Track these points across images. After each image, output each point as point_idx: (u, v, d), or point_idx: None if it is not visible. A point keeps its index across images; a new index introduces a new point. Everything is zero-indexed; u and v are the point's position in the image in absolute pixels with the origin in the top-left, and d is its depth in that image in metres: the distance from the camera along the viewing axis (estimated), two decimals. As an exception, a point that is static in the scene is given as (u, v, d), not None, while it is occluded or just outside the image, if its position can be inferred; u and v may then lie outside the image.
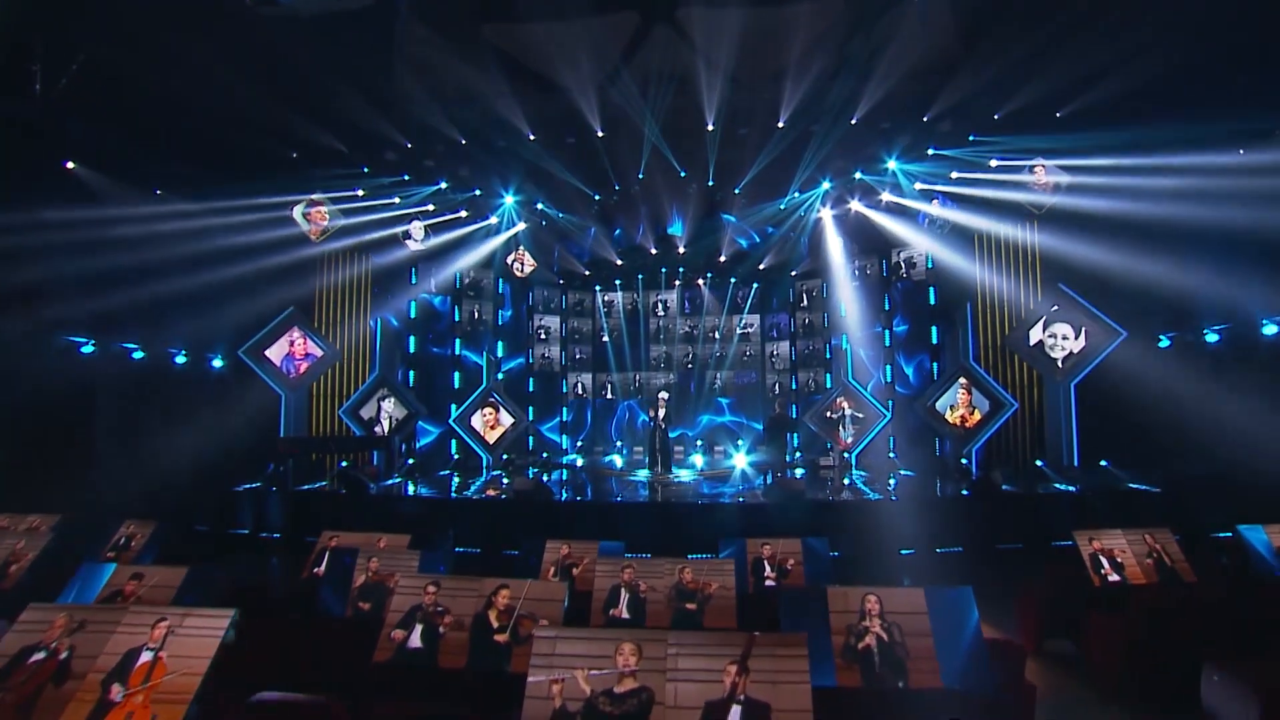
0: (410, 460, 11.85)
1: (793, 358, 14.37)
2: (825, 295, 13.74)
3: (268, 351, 11.20)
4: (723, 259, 14.42)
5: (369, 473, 10.11)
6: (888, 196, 11.96)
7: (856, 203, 12.43)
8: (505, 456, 12.38)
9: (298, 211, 11.27)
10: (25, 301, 8.06)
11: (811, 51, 9.64)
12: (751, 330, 14.95)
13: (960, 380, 10.90)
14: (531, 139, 11.26)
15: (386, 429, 11.52)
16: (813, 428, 12.20)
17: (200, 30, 8.59)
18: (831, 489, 9.60)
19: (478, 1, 9.05)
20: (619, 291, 15.30)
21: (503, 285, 14.10)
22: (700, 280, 15.10)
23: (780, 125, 10.84)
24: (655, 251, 14.43)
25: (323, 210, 11.45)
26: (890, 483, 10.20)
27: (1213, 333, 9.04)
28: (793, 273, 14.32)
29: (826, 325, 13.68)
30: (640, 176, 12.24)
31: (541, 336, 14.64)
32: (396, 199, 12.21)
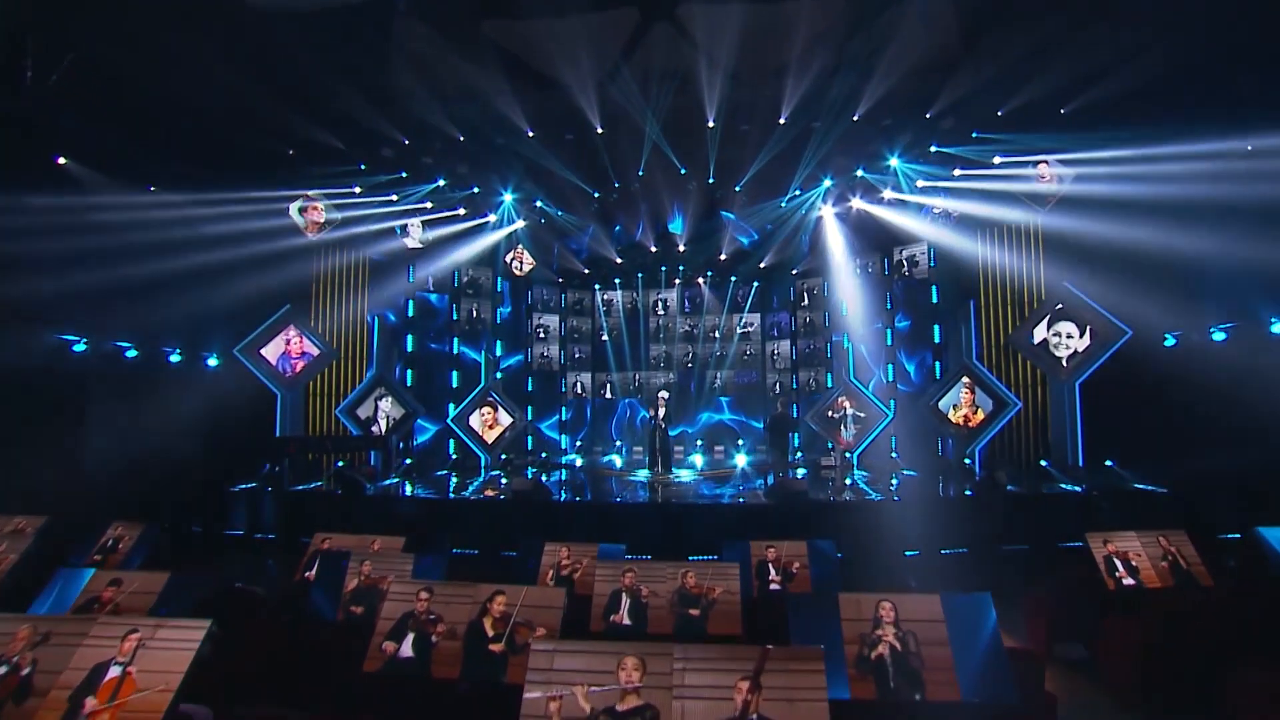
0: (408, 460, 11.74)
1: (793, 357, 14.26)
2: (826, 294, 13.62)
3: (263, 350, 11.11)
4: (723, 257, 14.30)
5: (366, 473, 9.99)
6: (890, 194, 11.85)
7: (858, 200, 12.32)
8: (504, 456, 12.27)
9: (294, 209, 11.16)
10: (15, 299, 7.93)
11: (813, 48, 9.54)
12: (752, 329, 14.83)
13: (963, 379, 10.81)
14: (530, 136, 11.15)
15: (384, 429, 11.40)
16: (814, 427, 12.09)
17: (195, 25, 8.48)
18: (833, 489, 9.49)
19: (476, -2, 8.94)
20: (618, 290, 15.18)
21: (501, 283, 13.97)
22: (700, 279, 14.97)
23: (781, 122, 10.74)
24: (655, 250, 14.30)
25: (319, 208, 11.34)
26: (892, 483, 10.09)
27: (1220, 331, 8.93)
28: (793, 271, 14.20)
29: (827, 324, 13.56)
30: (640, 174, 12.14)
31: (540, 335, 14.51)
32: (394, 196, 12.11)
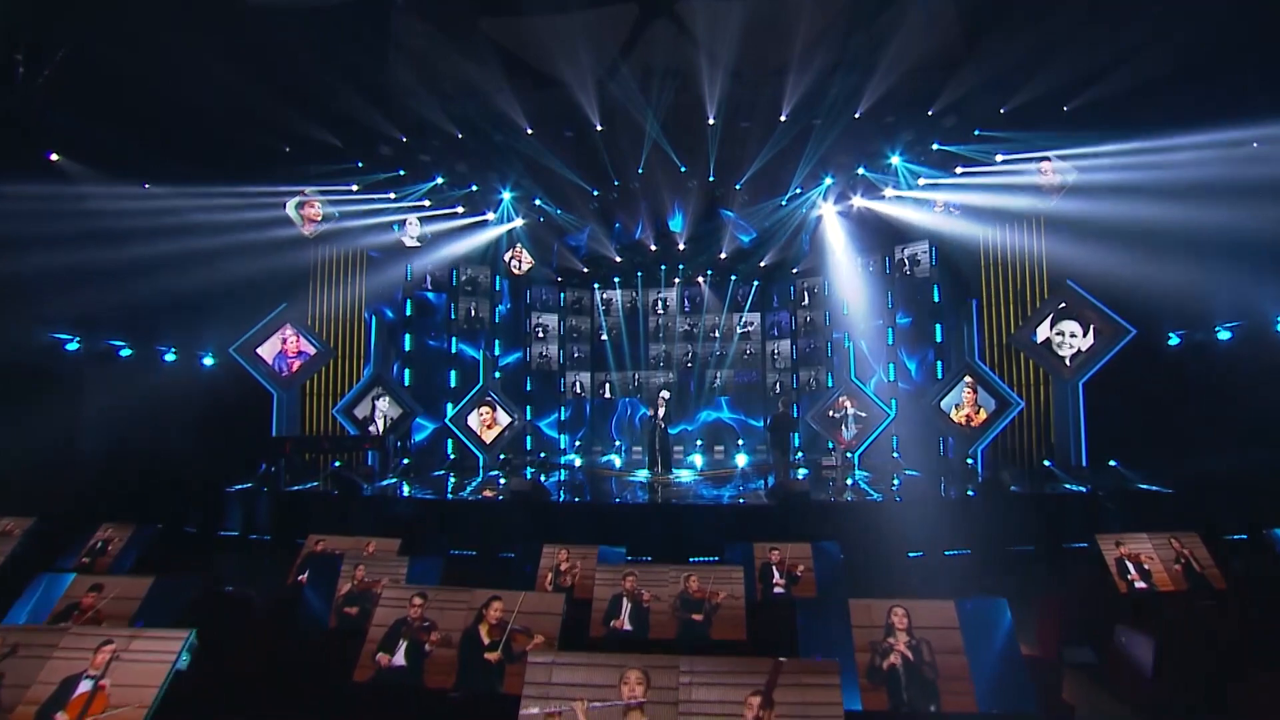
0: (405, 460, 11.63)
1: (794, 356, 14.16)
2: (826, 293, 13.53)
3: (260, 349, 11.01)
4: (723, 256, 14.19)
5: (363, 473, 9.89)
6: (891, 192, 11.75)
7: (859, 198, 12.22)
8: (502, 456, 12.17)
9: (291, 207, 11.07)
10: (7, 297, 7.83)
11: (814, 45, 9.46)
12: (752, 328, 14.74)
13: (965, 379, 10.71)
14: (529, 133, 11.06)
15: (381, 428, 11.30)
16: (815, 427, 12.00)
17: (191, 21, 8.40)
18: (835, 490, 9.40)
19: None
20: (618, 289, 15.08)
21: (500, 282, 13.87)
22: (700, 278, 14.87)
23: (783, 119, 10.66)
24: (655, 248, 14.20)
25: (316, 206, 11.24)
26: (894, 483, 10.01)
27: (1225, 330, 8.84)
28: (794, 270, 14.11)
29: (828, 323, 13.46)
30: (640, 172, 12.05)
31: (539, 335, 14.41)
32: (392, 194, 12.02)
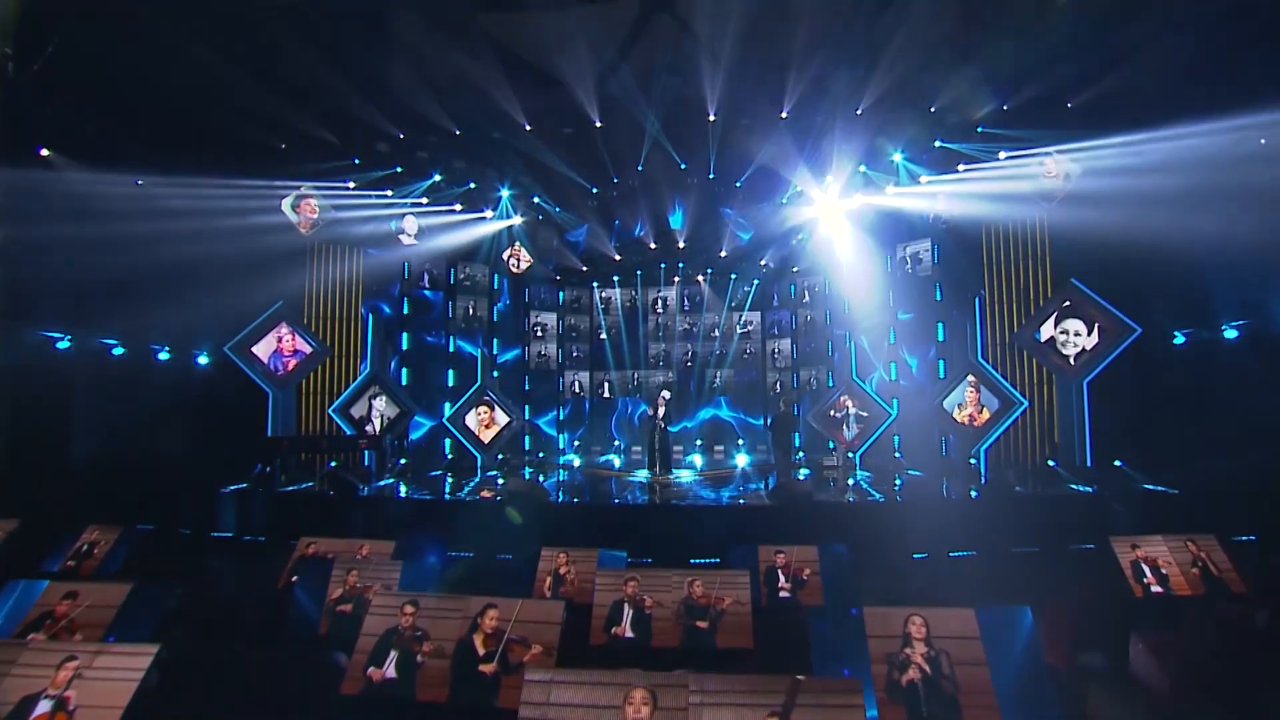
0: (402, 460, 11.51)
1: (794, 355, 14.06)
2: (827, 291, 13.41)
3: (255, 348, 10.87)
4: (723, 254, 14.08)
5: (359, 474, 9.77)
6: (893, 189, 11.64)
7: (861, 196, 12.11)
8: (500, 456, 12.05)
9: (287, 204, 10.94)
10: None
11: (816, 42, 9.36)
12: (752, 327, 14.63)
13: (968, 378, 10.61)
14: (528, 130, 10.95)
15: (378, 428, 11.17)
16: (816, 426, 11.90)
17: (185, 13, 8.30)
18: (837, 490, 9.30)
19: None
20: (617, 288, 14.96)
21: (498, 281, 13.75)
22: (700, 276, 14.76)
23: (784, 116, 10.56)
24: (654, 247, 14.08)
25: (312, 203, 11.11)
26: (896, 483, 9.92)
27: (1231, 329, 8.74)
28: (794, 269, 14.00)
29: (829, 322, 13.35)
30: (639, 169, 11.95)
31: (538, 333, 14.30)
32: (389, 192, 11.91)
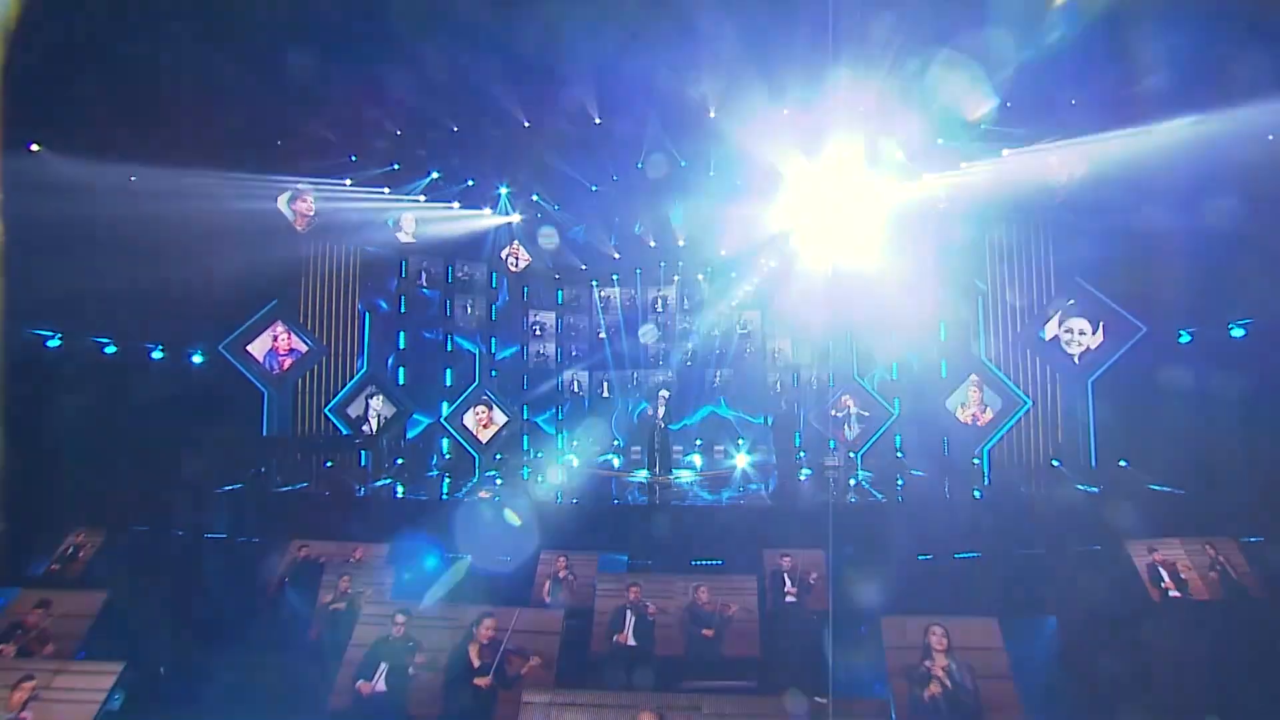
0: (399, 460, 11.40)
1: (794, 355, 13.92)
2: (828, 290, 13.26)
3: (250, 346, 10.78)
4: (723, 252, 13.94)
5: (356, 474, 9.67)
6: (895, 186, 11.52)
7: (863, 193, 11.97)
8: (498, 456, 11.95)
9: (282, 202, 10.83)
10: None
11: (817, 38, 9.26)
12: (752, 326, 14.47)
13: (971, 377, 10.51)
14: (526, 126, 10.86)
15: (374, 428, 11.06)
16: (817, 426, 11.80)
17: (179, 7, 8.20)
18: (839, 491, 9.20)
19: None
20: (616, 286, 14.83)
21: (496, 279, 13.63)
22: (700, 275, 14.61)
23: (785, 113, 10.47)
24: (654, 245, 13.98)
25: (308, 200, 11.00)
26: (898, 483, 9.83)
27: (1238, 327, 8.64)
28: (795, 267, 13.85)
29: (829, 321, 13.20)
30: (639, 166, 11.86)
31: (536, 332, 14.17)
32: (386, 189, 11.81)
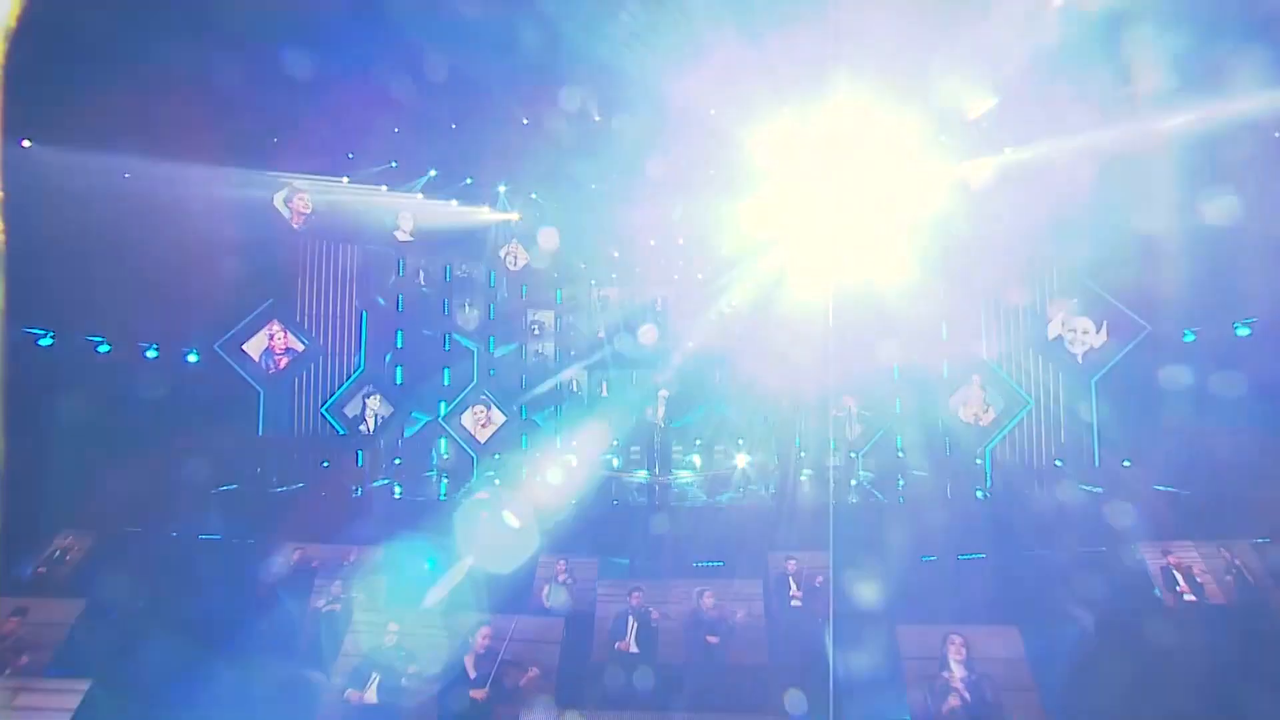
0: (396, 460, 11.30)
1: (795, 354, 13.82)
2: (829, 289, 13.19)
3: (246, 345, 10.67)
4: (724, 251, 13.85)
5: (352, 474, 9.57)
6: (898, 184, 11.43)
7: (863, 190, 11.89)
8: (497, 456, 11.85)
9: (279, 199, 10.72)
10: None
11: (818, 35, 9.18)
12: (753, 326, 14.38)
13: (973, 377, 10.43)
14: (525, 123, 10.75)
15: (372, 428, 10.96)
16: (819, 426, 11.70)
17: (173, 1, 8.08)
18: (840, 491, 9.11)
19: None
20: (616, 285, 14.72)
21: (495, 278, 13.52)
22: (700, 274, 14.52)
23: (786, 109, 10.36)
24: (653, 243, 13.87)
25: (305, 198, 10.90)
26: (899, 483, 9.75)
27: (1244, 326, 8.56)
28: (795, 266, 13.78)
29: (830, 320, 13.12)
30: (639, 163, 11.73)
31: (535, 331, 14.07)
32: (384, 187, 11.70)
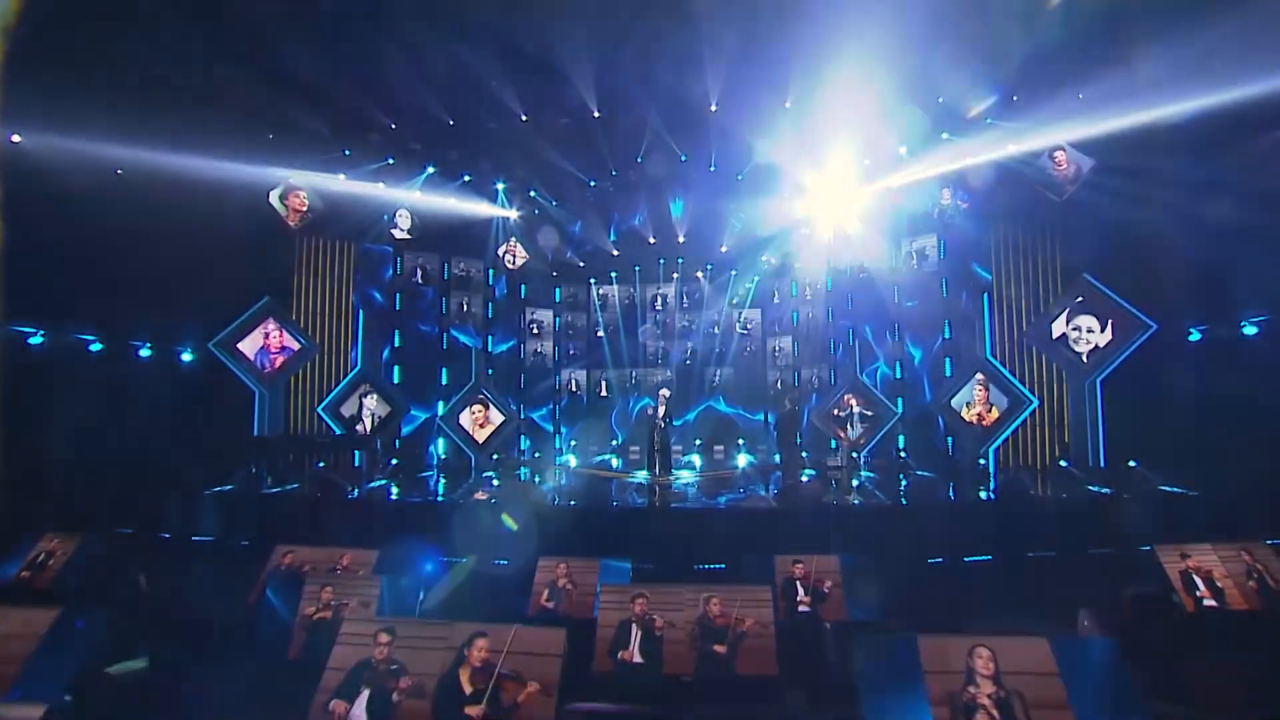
0: (394, 460, 11.17)
1: (795, 353, 13.74)
2: (830, 288, 13.10)
3: (240, 344, 10.56)
4: (724, 250, 13.76)
5: (348, 474, 9.45)
6: (898, 183, 11.34)
7: (865, 190, 11.81)
8: (495, 456, 11.74)
9: (275, 197, 10.60)
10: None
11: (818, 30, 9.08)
12: (753, 325, 14.29)
13: (976, 376, 10.34)
14: (524, 120, 10.65)
15: (368, 427, 10.84)
16: (819, 426, 11.63)
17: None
18: (842, 492, 9.00)
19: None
20: (615, 284, 14.62)
21: (493, 276, 13.42)
22: (700, 273, 14.42)
23: (787, 106, 10.28)
24: (653, 242, 13.78)
25: (301, 195, 10.77)
26: (901, 484, 9.65)
27: (1251, 325, 8.46)
28: (796, 265, 13.68)
29: (831, 319, 13.04)
30: (639, 161, 11.67)
31: (534, 331, 13.96)
32: (381, 184, 11.59)
